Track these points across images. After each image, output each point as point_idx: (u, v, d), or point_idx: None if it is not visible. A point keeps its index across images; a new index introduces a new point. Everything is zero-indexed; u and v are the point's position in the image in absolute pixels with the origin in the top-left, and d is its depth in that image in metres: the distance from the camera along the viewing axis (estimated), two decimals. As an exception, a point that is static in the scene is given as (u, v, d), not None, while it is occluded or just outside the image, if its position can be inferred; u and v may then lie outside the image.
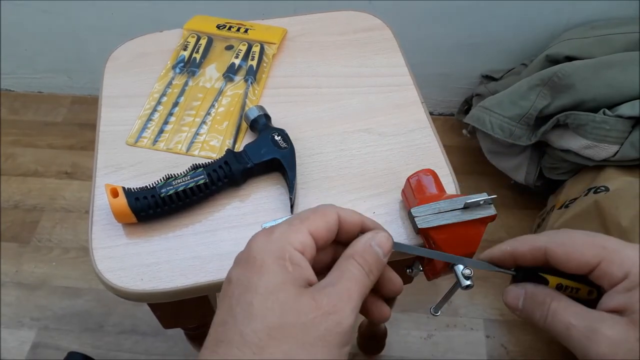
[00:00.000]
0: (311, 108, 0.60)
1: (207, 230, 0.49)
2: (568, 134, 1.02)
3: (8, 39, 1.40)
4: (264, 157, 0.52)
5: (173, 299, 0.47)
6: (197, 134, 0.57)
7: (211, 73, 0.64)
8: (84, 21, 1.33)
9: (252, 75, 0.62)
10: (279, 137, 0.53)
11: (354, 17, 0.70)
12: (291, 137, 0.53)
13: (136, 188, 0.49)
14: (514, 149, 1.15)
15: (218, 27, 0.68)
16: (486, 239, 0.42)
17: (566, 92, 0.99)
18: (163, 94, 0.61)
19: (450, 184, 0.52)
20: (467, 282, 0.41)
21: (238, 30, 0.68)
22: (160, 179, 0.50)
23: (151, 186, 0.49)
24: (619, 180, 0.96)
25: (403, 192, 0.49)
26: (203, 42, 0.66)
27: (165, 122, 0.59)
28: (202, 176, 0.49)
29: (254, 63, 0.63)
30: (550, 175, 1.14)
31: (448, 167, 0.54)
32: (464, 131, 1.26)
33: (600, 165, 1.01)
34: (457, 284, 0.42)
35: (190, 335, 0.77)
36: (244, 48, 0.65)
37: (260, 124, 0.55)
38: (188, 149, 0.56)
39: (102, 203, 0.51)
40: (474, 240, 0.42)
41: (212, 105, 0.60)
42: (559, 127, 1.03)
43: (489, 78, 1.30)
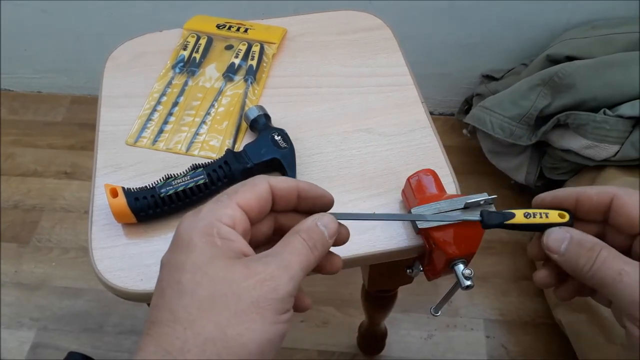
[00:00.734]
0: (311, 108, 0.59)
1: (206, 230, 0.49)
2: (568, 134, 1.02)
3: (8, 39, 1.40)
4: (264, 157, 0.51)
5: (173, 299, 0.47)
6: (196, 133, 0.57)
7: (211, 73, 0.63)
8: (84, 21, 1.33)
9: (252, 75, 0.62)
10: (279, 137, 0.53)
11: (353, 16, 0.70)
12: (291, 137, 0.53)
13: (136, 188, 0.49)
14: (515, 149, 1.15)
15: (218, 26, 0.68)
16: (486, 239, 0.42)
17: (567, 92, 0.99)
18: (163, 94, 0.61)
19: (450, 184, 0.52)
20: (468, 282, 0.41)
21: (238, 30, 0.67)
22: (160, 179, 0.49)
23: (151, 186, 0.49)
24: (620, 181, 0.96)
25: (403, 192, 0.49)
26: (203, 41, 0.66)
27: (165, 122, 0.58)
28: (202, 176, 0.49)
29: (254, 63, 0.63)
30: (550, 176, 1.14)
31: (448, 167, 0.53)
32: (464, 131, 1.26)
33: (601, 166, 1.01)
34: (458, 284, 0.42)
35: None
36: (243, 48, 0.65)
37: (260, 124, 0.55)
38: (188, 149, 0.56)
39: (101, 203, 0.51)
40: (474, 240, 0.41)
41: (212, 105, 0.60)
42: (560, 127, 1.03)
43: (489, 78, 1.30)
